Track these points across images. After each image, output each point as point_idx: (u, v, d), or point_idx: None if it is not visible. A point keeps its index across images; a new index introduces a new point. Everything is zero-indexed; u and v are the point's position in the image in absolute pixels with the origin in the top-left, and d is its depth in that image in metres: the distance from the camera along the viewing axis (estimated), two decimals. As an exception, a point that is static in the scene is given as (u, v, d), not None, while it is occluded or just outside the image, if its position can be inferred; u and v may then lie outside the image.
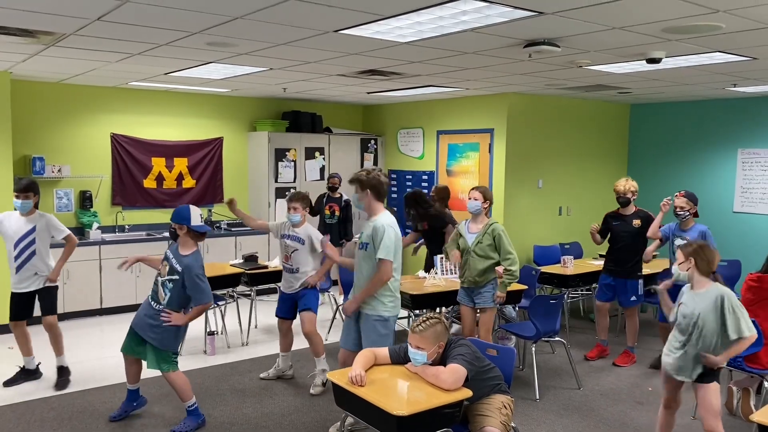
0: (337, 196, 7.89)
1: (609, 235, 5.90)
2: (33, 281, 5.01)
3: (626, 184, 5.81)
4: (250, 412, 4.68)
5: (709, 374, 3.59)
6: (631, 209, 5.81)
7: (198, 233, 4.25)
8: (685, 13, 3.66)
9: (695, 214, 5.50)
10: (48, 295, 5.08)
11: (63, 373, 5.16)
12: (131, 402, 4.56)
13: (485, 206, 5.03)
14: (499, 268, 4.92)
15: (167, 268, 4.23)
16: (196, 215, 4.24)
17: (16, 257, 4.95)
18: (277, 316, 5.29)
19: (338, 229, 7.84)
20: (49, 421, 4.46)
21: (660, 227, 5.54)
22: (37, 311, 5.11)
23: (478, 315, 5.14)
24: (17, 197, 4.91)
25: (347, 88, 7.52)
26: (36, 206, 5.05)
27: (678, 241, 5.35)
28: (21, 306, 5.06)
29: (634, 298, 5.80)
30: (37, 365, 5.27)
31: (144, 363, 4.37)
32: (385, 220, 4.07)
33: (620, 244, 5.80)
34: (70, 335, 5.17)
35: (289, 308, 5.23)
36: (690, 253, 3.63)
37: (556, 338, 5.37)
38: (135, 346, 4.36)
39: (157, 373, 4.34)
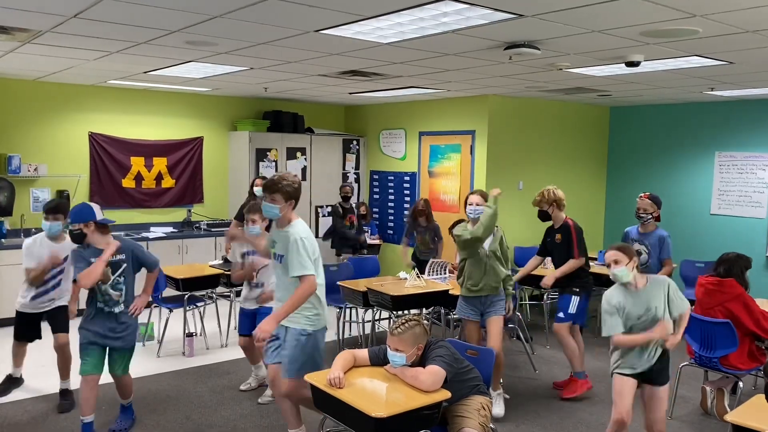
0: (349, 206, 7.84)
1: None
2: (47, 305, 4.76)
3: (539, 196, 5.26)
4: (229, 414, 4.65)
5: (666, 374, 3.71)
6: (558, 222, 5.27)
7: (105, 226, 4.05)
8: (662, 17, 3.70)
9: (657, 218, 5.32)
10: (59, 313, 4.77)
11: (67, 396, 4.77)
12: None
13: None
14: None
15: (108, 270, 4.00)
16: (98, 210, 4.07)
17: (38, 285, 4.67)
18: (240, 334, 5.02)
19: (357, 236, 7.82)
20: (22, 426, 4.39)
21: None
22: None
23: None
24: (45, 218, 4.56)
25: (329, 89, 7.50)
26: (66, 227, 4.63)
27: (638, 246, 5.30)
28: (29, 327, 4.81)
29: (561, 314, 5.13)
30: (21, 374, 5.12)
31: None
32: (300, 231, 3.68)
33: (553, 258, 5.38)
34: (45, 336, 5.04)
35: (251, 324, 4.78)
36: (632, 253, 3.66)
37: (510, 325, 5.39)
38: (96, 364, 4.09)
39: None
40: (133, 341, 4.23)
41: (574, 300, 5.10)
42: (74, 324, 4.58)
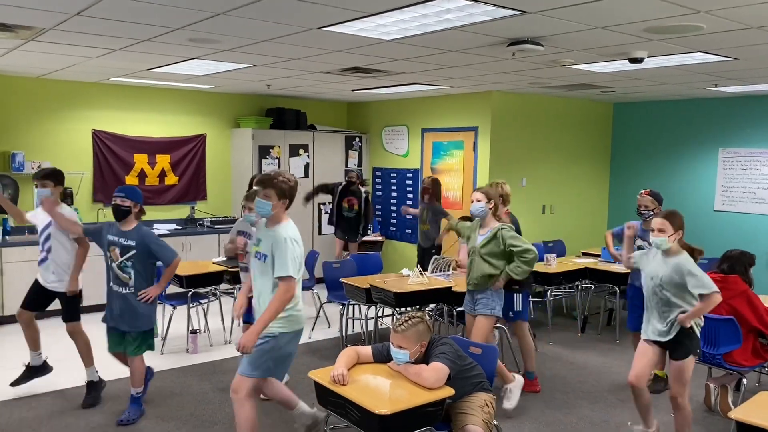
0: (355, 189, 7.83)
1: None
2: (52, 282, 4.65)
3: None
4: (233, 411, 4.63)
5: (685, 347, 3.82)
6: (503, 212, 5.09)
7: (143, 210, 4.39)
8: (666, 13, 3.69)
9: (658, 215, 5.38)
10: (67, 300, 4.66)
11: (92, 389, 4.70)
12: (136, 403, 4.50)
13: (490, 207, 4.60)
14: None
15: (118, 251, 4.26)
16: None
17: (40, 251, 4.67)
18: (244, 321, 4.88)
19: (356, 223, 7.81)
20: (28, 421, 4.40)
21: None
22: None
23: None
24: (35, 185, 4.63)
25: (331, 85, 7.49)
26: (62, 198, 4.70)
27: (640, 242, 5.31)
28: (36, 295, 4.70)
29: (510, 314, 5.05)
30: (44, 360, 4.90)
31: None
32: (290, 232, 3.56)
33: None
34: (49, 332, 5.06)
35: (249, 310, 4.72)
36: (678, 226, 3.80)
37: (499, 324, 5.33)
38: (118, 343, 4.43)
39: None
40: (144, 326, 4.38)
41: (517, 297, 5.03)
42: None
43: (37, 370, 4.89)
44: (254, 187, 6.09)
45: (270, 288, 3.58)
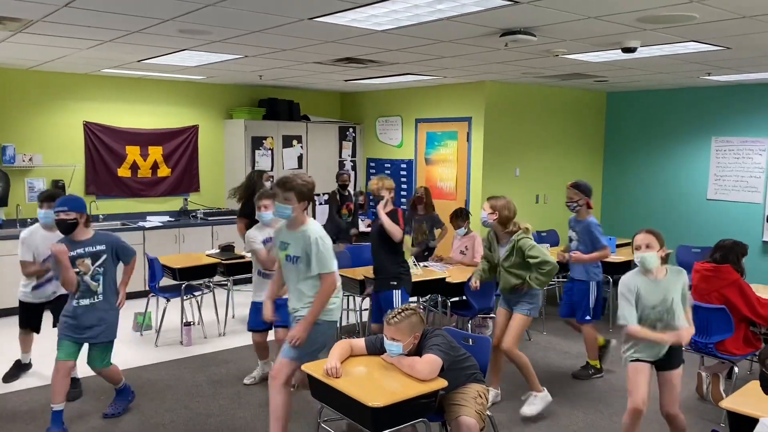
0: (347, 193, 7.75)
1: None
2: (50, 296, 4.79)
3: (378, 183, 4.91)
4: (227, 403, 4.66)
5: (680, 354, 3.68)
6: (387, 209, 4.87)
7: (89, 221, 4.14)
8: (659, 3, 3.68)
9: (588, 206, 5.18)
10: (60, 304, 4.45)
11: (75, 384, 4.69)
12: (59, 423, 4.11)
13: (493, 218, 4.40)
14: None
15: (88, 260, 4.04)
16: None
17: (38, 276, 4.70)
18: (252, 329, 4.90)
19: (350, 226, 7.70)
20: (21, 414, 4.40)
21: None
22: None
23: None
24: (40, 206, 4.55)
25: (324, 76, 7.46)
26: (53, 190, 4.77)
27: (570, 233, 5.27)
28: (31, 316, 4.88)
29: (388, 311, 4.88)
30: (30, 359, 5.18)
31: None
32: (318, 230, 3.67)
33: (372, 246, 5.03)
34: (43, 327, 5.03)
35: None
36: (663, 240, 3.60)
37: (492, 315, 5.52)
38: (73, 351, 4.14)
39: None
40: (110, 336, 4.22)
41: (396, 294, 4.87)
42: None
43: (24, 366, 5.16)
44: (271, 190, 5.70)
45: (309, 286, 3.70)
